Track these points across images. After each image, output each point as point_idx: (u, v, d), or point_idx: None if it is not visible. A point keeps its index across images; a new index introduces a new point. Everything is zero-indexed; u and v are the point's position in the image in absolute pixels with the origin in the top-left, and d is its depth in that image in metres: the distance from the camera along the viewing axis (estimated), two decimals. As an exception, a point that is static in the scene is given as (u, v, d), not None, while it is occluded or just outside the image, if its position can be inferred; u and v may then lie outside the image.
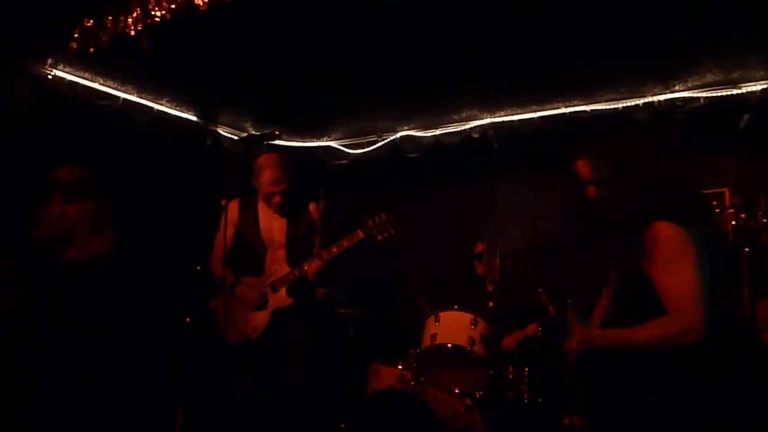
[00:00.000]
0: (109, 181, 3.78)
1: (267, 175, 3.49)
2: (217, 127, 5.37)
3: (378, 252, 3.71)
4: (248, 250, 3.58)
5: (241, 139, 5.23)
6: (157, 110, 4.87)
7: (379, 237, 3.41)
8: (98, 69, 4.32)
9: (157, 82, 4.59)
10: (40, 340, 3.17)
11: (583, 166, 2.17)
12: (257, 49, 3.99)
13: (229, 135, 5.49)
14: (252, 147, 3.20)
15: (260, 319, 3.45)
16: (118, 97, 4.59)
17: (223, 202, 2.71)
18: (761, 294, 3.45)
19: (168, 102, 4.89)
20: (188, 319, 4.10)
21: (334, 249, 3.40)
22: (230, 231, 3.59)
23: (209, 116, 5.18)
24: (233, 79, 4.48)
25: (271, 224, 3.59)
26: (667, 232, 1.95)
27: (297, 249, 3.56)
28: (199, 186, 4.51)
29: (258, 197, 3.59)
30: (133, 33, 3.30)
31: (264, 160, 3.53)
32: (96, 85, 4.46)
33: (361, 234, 3.40)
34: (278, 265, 3.52)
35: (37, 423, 3.20)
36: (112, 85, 4.52)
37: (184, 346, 3.97)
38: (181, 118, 5.05)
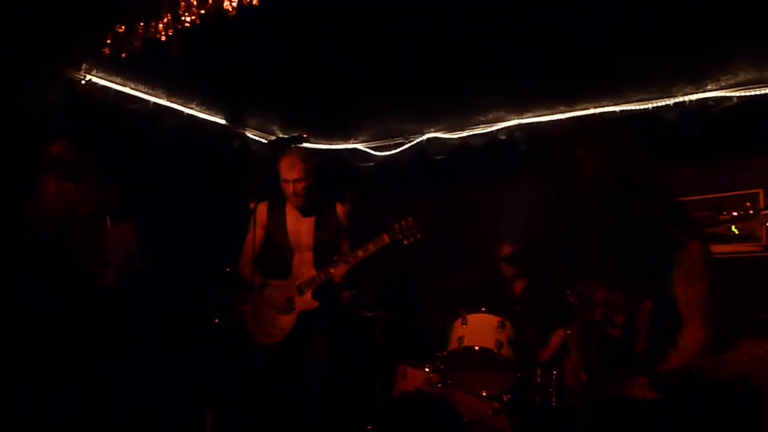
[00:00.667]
0: (139, 184, 3.86)
1: (283, 164, 3.45)
2: (245, 130, 5.43)
3: (404, 254, 3.70)
4: (276, 252, 3.62)
5: (270, 142, 5.28)
6: (187, 114, 4.94)
7: (406, 242, 3.40)
8: (130, 73, 4.39)
9: (187, 86, 4.66)
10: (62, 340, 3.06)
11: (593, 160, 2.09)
12: (285, 52, 4.02)
13: (257, 138, 5.55)
14: (280, 150, 3.21)
15: (287, 321, 3.48)
16: (149, 101, 4.66)
17: (252, 206, 2.72)
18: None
19: (197, 106, 4.96)
20: (216, 320, 4.18)
21: (360, 253, 3.41)
22: (259, 233, 3.62)
23: (237, 119, 5.24)
24: (261, 82, 4.53)
25: (299, 227, 3.61)
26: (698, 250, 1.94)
27: (324, 251, 3.57)
28: (227, 188, 4.58)
29: (286, 200, 3.62)
30: (163, 38, 3.35)
31: (285, 158, 3.49)
32: (127, 89, 4.54)
33: (387, 238, 3.40)
34: (305, 268, 3.54)
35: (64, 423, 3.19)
36: (142, 89, 4.60)
37: (212, 346, 4.03)
38: (209, 121, 5.11)
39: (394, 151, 5.64)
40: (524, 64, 4.09)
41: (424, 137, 5.46)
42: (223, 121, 5.19)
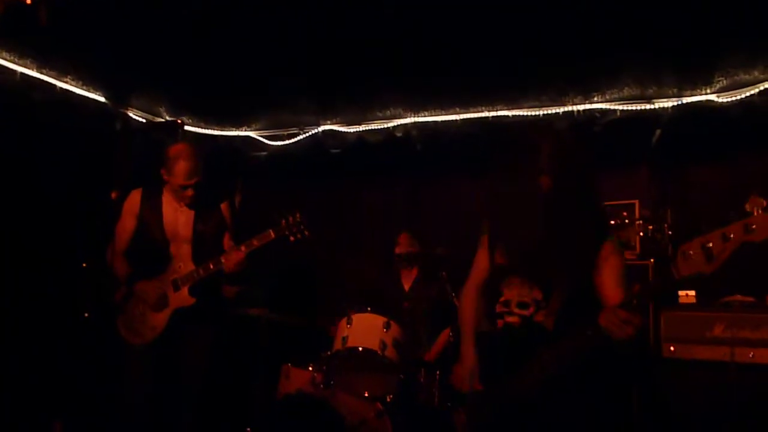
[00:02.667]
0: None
1: (180, 167, 3.26)
2: (128, 110, 5.03)
3: (295, 250, 3.58)
4: (150, 244, 3.36)
5: (142, 125, 4.94)
6: (60, 88, 4.50)
7: (292, 238, 3.29)
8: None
9: (62, 57, 4.23)
10: None
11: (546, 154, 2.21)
12: (178, 28, 3.74)
13: (142, 120, 5.17)
14: (152, 134, 2.99)
15: (159, 319, 3.25)
16: (15, 71, 4.19)
17: (114, 196, 2.50)
18: (664, 305, 3.57)
19: (72, 80, 4.53)
20: (86, 314, 3.85)
21: (243, 248, 3.24)
22: (130, 223, 3.37)
23: (120, 98, 4.85)
24: (149, 58, 4.19)
25: (176, 217, 3.38)
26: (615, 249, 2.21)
27: (204, 245, 3.36)
28: (105, 173, 4.24)
29: (162, 188, 3.37)
30: (28, 1, 3.00)
31: (177, 151, 3.29)
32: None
33: (272, 234, 3.26)
34: (182, 262, 3.31)
35: None
36: (7, 58, 4.13)
37: (80, 344, 3.71)
38: (87, 98, 4.69)
39: (288, 142, 5.48)
40: (423, 64, 4.07)
41: (321, 129, 5.34)
42: (102, 99, 4.79)
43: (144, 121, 5.08)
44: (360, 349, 3.55)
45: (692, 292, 3.43)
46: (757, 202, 1.67)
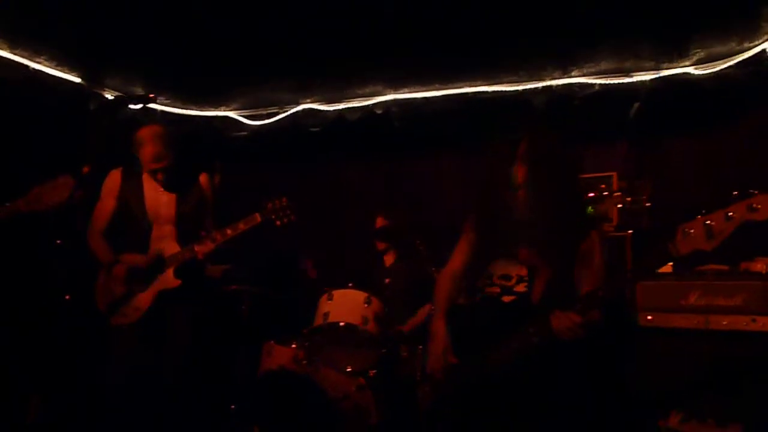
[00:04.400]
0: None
1: (147, 151, 3.26)
2: (103, 90, 4.96)
3: (277, 229, 3.58)
4: (131, 224, 3.34)
5: (112, 100, 4.84)
6: (34, 68, 4.40)
7: (278, 222, 3.28)
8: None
9: (35, 36, 4.14)
10: None
11: (520, 171, 2.27)
12: (152, 4, 3.66)
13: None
14: (121, 109, 2.94)
15: (143, 300, 3.24)
16: (-13, 52, 4.13)
17: (86, 170, 2.47)
18: (641, 275, 3.61)
19: (46, 60, 4.44)
20: (68, 296, 3.82)
21: (229, 231, 3.23)
22: (110, 203, 3.34)
23: (94, 78, 4.76)
24: (124, 36, 4.10)
25: (158, 197, 3.36)
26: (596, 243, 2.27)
27: (187, 226, 3.35)
28: (77, 155, 4.17)
29: (143, 168, 3.35)
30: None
31: (144, 134, 3.28)
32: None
33: (258, 218, 3.26)
34: (165, 243, 3.30)
35: None
36: (-23, 38, 4.06)
37: (60, 324, 3.69)
38: (60, 78, 4.61)
39: (267, 121, 5.43)
40: (402, 40, 4.04)
41: (300, 108, 5.29)
42: (77, 79, 4.71)
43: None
44: (341, 324, 3.57)
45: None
46: None
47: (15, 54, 4.29)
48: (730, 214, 1.77)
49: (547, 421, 2.20)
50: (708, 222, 1.80)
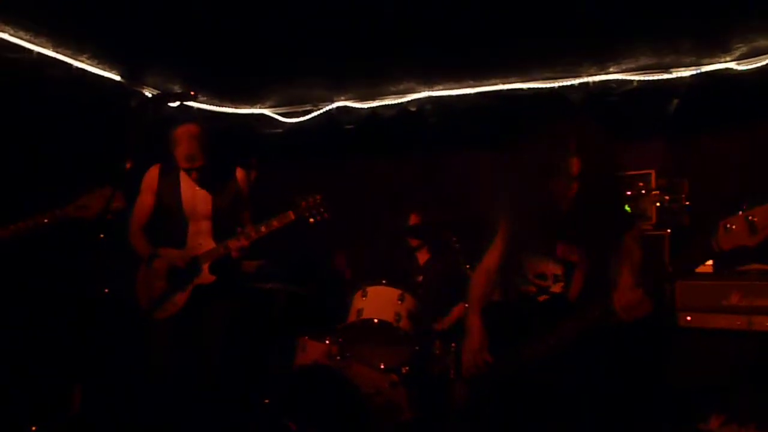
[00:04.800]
0: (20, 143, 3.51)
1: (181, 150, 3.29)
2: (143, 88, 5.07)
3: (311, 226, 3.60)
4: (169, 220, 3.40)
5: (153, 96, 4.92)
6: (76, 67, 4.53)
7: (312, 220, 3.29)
8: (8, 17, 3.96)
9: (77, 36, 4.24)
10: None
11: (576, 163, 2.21)
12: (190, 5, 3.73)
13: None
14: (162, 105, 2.99)
15: (180, 295, 3.29)
16: (32, 50, 4.22)
17: (129, 166, 2.52)
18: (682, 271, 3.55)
19: (88, 58, 4.56)
20: (107, 290, 3.92)
21: (263, 228, 3.26)
22: (149, 199, 3.41)
23: (135, 76, 4.87)
24: (163, 36, 4.19)
25: (194, 194, 3.41)
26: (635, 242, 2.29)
27: (223, 222, 3.39)
28: (119, 152, 4.27)
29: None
30: None
31: (179, 134, 3.30)
32: (6, 36, 4.09)
33: (292, 215, 3.27)
34: (202, 239, 3.35)
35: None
36: (24, 37, 4.16)
37: (99, 318, 3.78)
38: (102, 76, 4.72)
39: (302, 118, 5.48)
40: (436, 37, 4.03)
41: (334, 105, 5.33)
42: (118, 78, 4.82)
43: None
44: (375, 320, 3.58)
45: (709, 261, 3.39)
46: None
47: (58, 53, 4.42)
48: None
49: (582, 422, 2.18)
50: (751, 217, 1.77)
